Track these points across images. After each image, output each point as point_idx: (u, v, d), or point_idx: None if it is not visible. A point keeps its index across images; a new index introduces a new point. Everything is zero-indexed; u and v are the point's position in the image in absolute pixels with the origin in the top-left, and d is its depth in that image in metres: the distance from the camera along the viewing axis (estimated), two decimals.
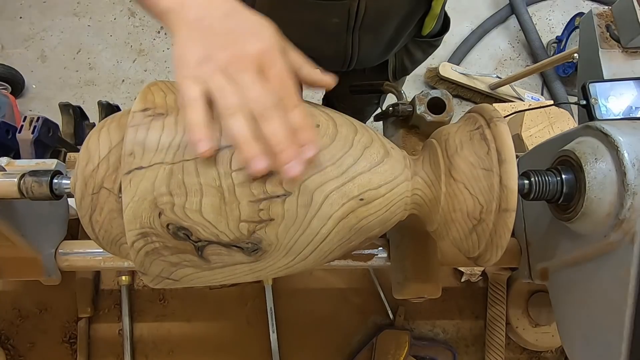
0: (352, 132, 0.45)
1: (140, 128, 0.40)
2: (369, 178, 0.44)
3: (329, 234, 0.44)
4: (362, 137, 0.46)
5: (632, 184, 0.42)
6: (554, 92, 2.01)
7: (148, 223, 0.40)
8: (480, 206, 0.43)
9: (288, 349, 0.87)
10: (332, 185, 0.42)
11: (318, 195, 0.42)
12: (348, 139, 0.44)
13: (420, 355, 0.88)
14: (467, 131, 0.46)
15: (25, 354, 0.85)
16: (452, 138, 0.46)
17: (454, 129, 0.47)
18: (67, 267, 0.66)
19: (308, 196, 0.41)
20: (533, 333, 0.86)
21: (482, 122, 0.45)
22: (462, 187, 0.44)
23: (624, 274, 0.44)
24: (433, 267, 0.62)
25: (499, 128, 0.43)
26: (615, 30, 0.73)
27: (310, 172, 0.41)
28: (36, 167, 0.61)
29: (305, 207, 0.41)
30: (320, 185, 0.42)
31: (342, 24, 0.69)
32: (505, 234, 0.43)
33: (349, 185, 0.43)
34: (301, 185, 0.41)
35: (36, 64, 1.98)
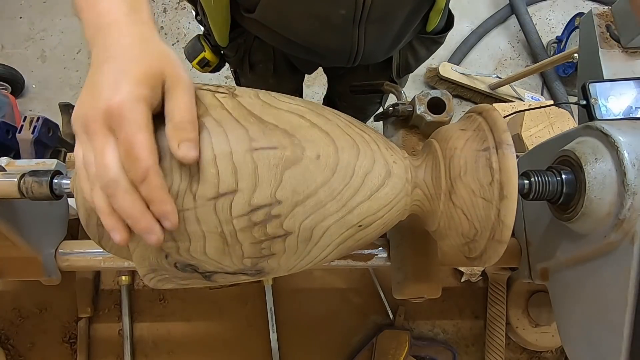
0: (354, 157, 0.44)
1: None
2: (369, 205, 0.45)
3: (328, 256, 0.46)
4: (364, 160, 0.45)
5: (632, 184, 0.42)
6: (554, 92, 2.01)
7: (156, 262, 0.41)
8: (475, 230, 0.44)
9: (288, 349, 0.87)
10: (331, 220, 0.43)
11: (318, 231, 0.43)
12: (349, 168, 0.44)
13: (420, 355, 0.88)
14: (473, 150, 0.45)
15: (25, 354, 0.85)
16: (458, 157, 0.45)
17: (460, 143, 0.46)
18: (67, 267, 0.66)
19: (308, 232, 0.42)
20: (533, 333, 0.86)
21: (490, 143, 0.44)
22: (460, 212, 0.44)
23: (624, 274, 0.44)
24: (433, 267, 0.62)
25: (507, 158, 0.42)
26: (615, 30, 0.73)
27: (310, 211, 0.42)
28: (36, 167, 0.61)
29: (305, 241, 0.43)
30: (321, 221, 0.43)
31: (349, 16, 0.69)
32: (494, 258, 0.45)
33: (348, 216, 0.44)
34: (301, 224, 0.41)
35: (36, 64, 1.98)
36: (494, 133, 0.44)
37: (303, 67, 0.92)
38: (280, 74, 0.91)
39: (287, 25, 0.75)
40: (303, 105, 0.45)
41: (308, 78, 1.80)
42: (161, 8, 2.10)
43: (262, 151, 0.40)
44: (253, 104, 0.42)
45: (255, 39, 0.83)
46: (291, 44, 0.78)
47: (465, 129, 0.47)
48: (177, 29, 2.07)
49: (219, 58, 0.89)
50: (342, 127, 0.45)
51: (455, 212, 0.45)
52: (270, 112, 0.42)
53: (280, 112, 0.43)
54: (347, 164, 0.44)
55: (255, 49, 0.85)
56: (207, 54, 0.86)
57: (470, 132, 0.46)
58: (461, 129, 0.47)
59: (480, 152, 0.44)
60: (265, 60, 0.88)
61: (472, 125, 0.47)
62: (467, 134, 0.46)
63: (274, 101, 0.44)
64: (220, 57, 0.89)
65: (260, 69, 0.89)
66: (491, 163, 0.44)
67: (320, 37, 0.75)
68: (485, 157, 0.43)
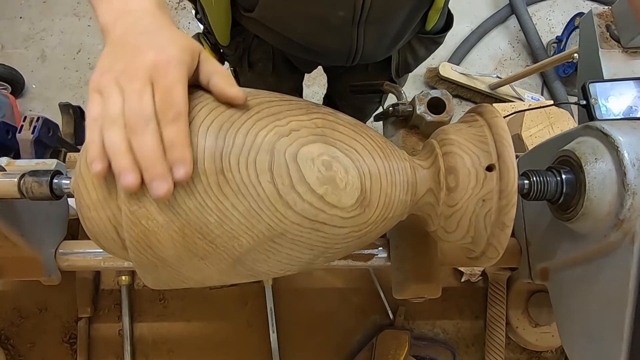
0: (357, 192, 0.42)
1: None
2: (373, 229, 0.46)
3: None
4: (370, 195, 0.44)
5: (632, 184, 0.42)
6: (554, 92, 2.01)
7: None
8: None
9: (288, 349, 0.87)
10: (338, 247, 0.45)
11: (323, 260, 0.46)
12: (357, 222, 0.44)
13: (420, 355, 0.88)
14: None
15: (25, 354, 0.85)
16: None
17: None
18: (67, 267, 0.66)
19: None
20: (533, 333, 0.86)
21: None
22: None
23: (624, 274, 0.45)
24: (433, 267, 0.62)
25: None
26: (615, 30, 0.73)
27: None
28: (36, 167, 0.61)
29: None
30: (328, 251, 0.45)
31: (348, 17, 0.69)
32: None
33: (355, 241, 0.46)
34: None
35: (36, 64, 1.98)
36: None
37: (302, 66, 0.92)
38: (280, 73, 0.91)
39: (286, 25, 0.75)
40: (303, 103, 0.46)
41: (308, 78, 1.80)
42: None
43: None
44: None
45: (254, 37, 0.83)
46: (290, 43, 0.78)
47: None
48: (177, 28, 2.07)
49: (217, 56, 0.89)
50: (348, 158, 0.45)
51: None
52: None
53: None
54: (353, 215, 0.45)
55: (255, 48, 0.85)
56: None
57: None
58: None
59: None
60: (264, 59, 0.88)
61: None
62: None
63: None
64: (219, 56, 0.89)
65: (259, 68, 0.89)
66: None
67: (319, 38, 0.75)
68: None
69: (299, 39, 0.77)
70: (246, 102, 0.41)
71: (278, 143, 0.39)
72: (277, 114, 0.41)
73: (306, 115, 0.42)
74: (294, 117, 0.42)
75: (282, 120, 0.41)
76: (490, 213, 0.44)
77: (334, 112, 0.45)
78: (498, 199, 0.43)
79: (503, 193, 0.42)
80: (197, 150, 0.38)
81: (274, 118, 0.41)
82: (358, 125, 0.46)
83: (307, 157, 0.40)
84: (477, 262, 0.48)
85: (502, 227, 0.43)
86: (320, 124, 0.42)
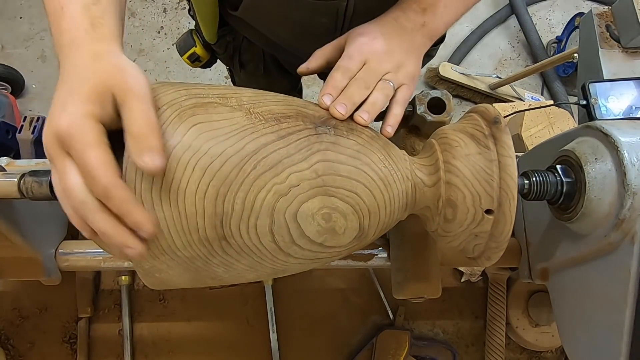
0: (356, 232, 0.44)
1: None
2: (370, 241, 0.47)
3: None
4: (368, 229, 0.45)
5: (632, 184, 0.42)
6: (554, 92, 2.01)
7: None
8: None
9: (288, 349, 0.87)
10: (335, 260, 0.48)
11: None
12: (354, 247, 0.46)
13: (420, 355, 0.88)
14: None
15: (25, 354, 0.85)
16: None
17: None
18: (67, 267, 0.66)
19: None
20: (533, 333, 0.86)
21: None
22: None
23: (624, 274, 0.44)
24: (433, 267, 0.62)
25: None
26: (615, 30, 0.73)
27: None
28: (36, 167, 0.61)
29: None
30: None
31: (330, 24, 0.69)
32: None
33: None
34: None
35: (36, 64, 1.98)
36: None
37: (292, 69, 0.91)
38: (271, 74, 0.90)
39: (270, 28, 0.75)
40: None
41: (308, 77, 1.80)
42: (161, 8, 2.10)
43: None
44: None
45: (244, 38, 0.83)
46: (276, 45, 0.78)
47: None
48: (177, 29, 2.07)
49: (210, 54, 0.88)
50: (362, 187, 0.45)
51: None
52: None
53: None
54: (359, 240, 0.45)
55: (245, 48, 0.85)
56: (197, 49, 0.85)
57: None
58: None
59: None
60: (255, 60, 0.87)
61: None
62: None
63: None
64: (211, 54, 0.88)
65: (250, 68, 0.89)
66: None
67: (303, 43, 0.75)
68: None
69: (284, 42, 0.77)
70: (242, 147, 0.39)
71: (278, 204, 0.40)
72: (276, 165, 0.39)
73: (306, 161, 0.40)
74: (294, 168, 0.40)
75: (280, 175, 0.39)
76: (479, 246, 0.46)
77: (335, 142, 0.42)
78: (489, 240, 0.45)
79: (495, 237, 0.44)
80: (197, 217, 0.38)
81: (272, 173, 0.39)
82: (362, 152, 0.43)
83: (307, 214, 0.40)
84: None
85: (487, 258, 0.46)
86: (320, 170, 0.41)
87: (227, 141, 0.38)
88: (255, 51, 0.86)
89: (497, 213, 0.43)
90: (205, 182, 0.38)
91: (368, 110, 0.47)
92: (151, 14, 2.08)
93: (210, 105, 0.40)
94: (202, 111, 0.39)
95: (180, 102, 0.40)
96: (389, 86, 0.49)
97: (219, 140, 0.38)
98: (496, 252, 0.45)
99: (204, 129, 0.38)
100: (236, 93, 0.43)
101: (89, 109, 0.34)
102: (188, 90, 0.41)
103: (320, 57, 0.55)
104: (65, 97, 0.35)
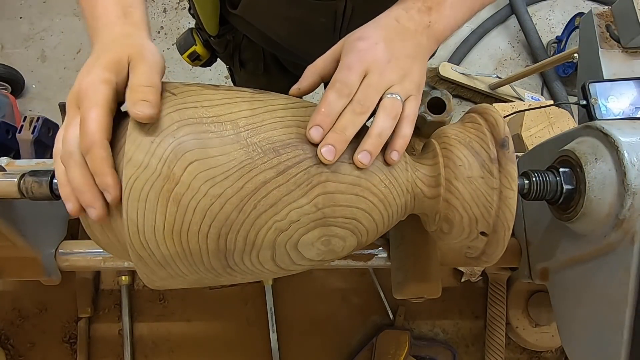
0: (353, 248, 0.46)
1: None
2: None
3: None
4: (365, 243, 0.46)
5: (632, 184, 0.42)
6: (554, 92, 2.01)
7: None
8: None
9: (288, 349, 0.87)
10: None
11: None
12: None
13: (420, 355, 0.88)
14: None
15: (25, 354, 0.85)
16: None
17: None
18: (67, 267, 0.66)
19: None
20: (533, 333, 0.86)
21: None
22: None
23: (624, 274, 0.44)
24: (433, 267, 0.62)
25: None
26: (615, 30, 0.73)
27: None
28: (36, 167, 0.61)
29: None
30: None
31: (329, 24, 0.68)
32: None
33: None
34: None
35: (36, 64, 1.98)
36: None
37: (293, 68, 0.91)
38: (271, 73, 0.90)
39: (269, 26, 0.75)
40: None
41: None
42: (161, 8, 2.10)
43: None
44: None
45: (244, 36, 0.83)
46: (275, 44, 0.77)
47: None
48: (177, 28, 2.07)
49: (210, 53, 0.88)
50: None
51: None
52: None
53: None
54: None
55: (245, 47, 0.85)
56: (198, 48, 0.85)
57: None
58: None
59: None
60: (255, 59, 0.87)
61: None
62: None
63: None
64: (211, 52, 0.88)
65: (250, 67, 0.89)
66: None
67: (302, 42, 0.74)
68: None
69: (283, 41, 0.76)
70: (242, 190, 0.39)
71: (278, 239, 0.41)
72: (276, 204, 0.39)
73: (306, 196, 0.40)
74: (294, 205, 0.40)
75: (280, 213, 0.40)
76: (471, 254, 0.48)
77: (336, 170, 0.41)
78: (482, 255, 0.46)
79: (487, 255, 0.46)
80: (201, 254, 0.40)
81: (272, 212, 0.39)
82: (362, 176, 0.43)
83: (307, 243, 0.42)
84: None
85: (484, 262, 0.47)
86: (321, 203, 0.41)
87: (226, 181, 0.38)
88: (255, 50, 0.85)
89: (492, 237, 0.44)
90: (206, 223, 0.39)
91: (371, 149, 0.41)
92: (151, 14, 2.08)
93: (204, 135, 0.39)
94: (197, 144, 0.38)
95: (174, 134, 0.38)
96: (396, 103, 0.43)
97: (217, 181, 0.38)
98: (487, 264, 0.47)
99: (201, 168, 0.38)
100: (231, 113, 0.41)
101: (106, 75, 0.38)
102: (180, 111, 0.40)
103: (312, 75, 0.49)
104: (92, 64, 0.40)
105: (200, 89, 0.42)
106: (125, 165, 0.37)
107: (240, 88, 0.45)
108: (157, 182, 0.37)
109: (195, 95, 0.41)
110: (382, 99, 0.42)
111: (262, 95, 0.44)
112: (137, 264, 0.41)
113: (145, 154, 0.37)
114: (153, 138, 0.38)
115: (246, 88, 0.45)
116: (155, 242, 0.38)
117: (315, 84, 0.49)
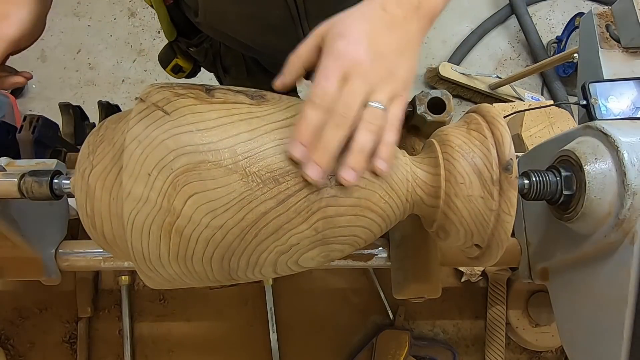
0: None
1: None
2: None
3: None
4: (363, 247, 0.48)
5: (632, 184, 0.42)
6: (554, 92, 2.01)
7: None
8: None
9: (288, 349, 0.87)
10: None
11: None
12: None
13: (420, 355, 0.88)
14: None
15: (25, 354, 0.85)
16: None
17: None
18: (67, 267, 0.66)
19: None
20: (533, 333, 0.86)
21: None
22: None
23: (624, 274, 0.44)
24: (433, 267, 0.62)
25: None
26: (615, 30, 0.73)
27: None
28: (36, 167, 0.61)
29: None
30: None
31: (285, 15, 0.65)
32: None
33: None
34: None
35: (36, 64, 1.98)
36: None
37: (272, 68, 0.89)
38: (256, 77, 0.89)
39: (231, 28, 0.73)
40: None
41: None
42: None
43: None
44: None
45: (220, 43, 0.82)
46: (247, 46, 0.76)
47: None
48: None
49: (192, 63, 0.86)
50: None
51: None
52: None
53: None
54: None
55: (224, 54, 0.84)
56: (179, 60, 0.85)
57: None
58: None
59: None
60: (236, 64, 0.86)
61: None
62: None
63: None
64: (193, 63, 0.87)
65: (234, 73, 0.88)
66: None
67: (266, 38, 0.72)
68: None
69: (249, 41, 0.75)
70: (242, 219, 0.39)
71: (280, 259, 0.42)
72: (277, 231, 0.40)
73: (306, 222, 0.40)
74: (294, 231, 0.40)
75: (281, 239, 0.41)
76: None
77: (336, 195, 0.41)
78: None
79: (481, 262, 0.47)
80: (207, 273, 0.42)
81: (273, 238, 0.40)
82: (363, 197, 0.42)
83: (308, 259, 0.44)
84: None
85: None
86: (321, 227, 0.41)
87: (227, 213, 0.38)
88: (234, 55, 0.84)
89: (485, 250, 0.45)
90: (209, 251, 0.40)
91: (354, 166, 0.39)
92: (151, 14, 2.08)
93: (202, 165, 0.38)
94: (195, 177, 0.38)
95: (170, 165, 0.38)
96: (378, 114, 0.39)
97: (218, 213, 0.38)
98: (487, 264, 0.48)
99: (201, 201, 0.38)
100: (228, 138, 0.39)
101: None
102: (175, 137, 0.38)
103: (295, 66, 0.45)
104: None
105: (194, 104, 0.40)
106: (125, 199, 0.37)
107: (236, 97, 0.43)
108: (158, 216, 0.38)
109: (190, 115, 0.40)
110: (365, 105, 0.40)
111: (260, 106, 0.43)
112: (146, 281, 0.43)
113: (144, 187, 0.37)
114: (150, 170, 0.38)
115: (243, 95, 0.44)
116: (161, 266, 0.41)
117: (299, 76, 0.47)
